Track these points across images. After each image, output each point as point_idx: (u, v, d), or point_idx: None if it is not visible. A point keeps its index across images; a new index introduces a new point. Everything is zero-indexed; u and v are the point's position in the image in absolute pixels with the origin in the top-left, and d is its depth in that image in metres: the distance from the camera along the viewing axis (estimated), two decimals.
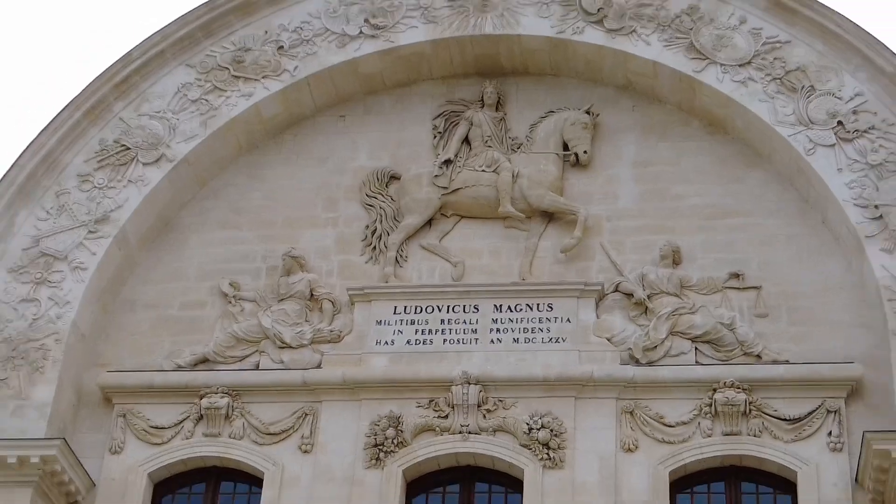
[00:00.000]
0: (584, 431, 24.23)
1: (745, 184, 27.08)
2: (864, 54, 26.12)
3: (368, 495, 24.00)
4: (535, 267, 26.72)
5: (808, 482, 23.11)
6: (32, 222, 26.88)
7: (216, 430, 25.07)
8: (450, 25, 28.13)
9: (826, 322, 24.96)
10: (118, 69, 28.24)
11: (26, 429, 24.24)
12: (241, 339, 26.32)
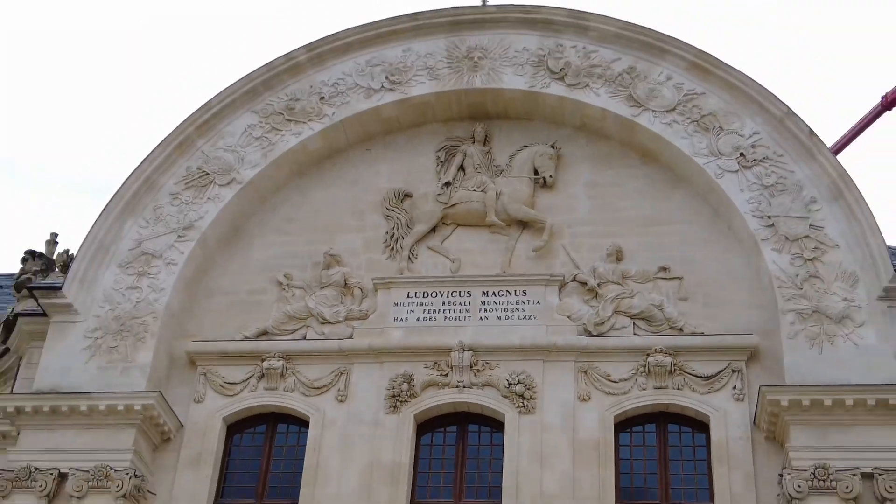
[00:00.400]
0: (549, 386, 24.77)
1: (671, 201, 27.42)
2: (760, 103, 26.51)
3: (388, 434, 24.55)
4: (513, 262, 27.06)
5: (718, 424, 23.68)
6: (136, 229, 27.29)
7: (273, 385, 25.65)
8: (448, 81, 28.45)
9: (731, 304, 25.55)
10: (200, 114, 28.50)
11: (131, 384, 24.85)
12: (292, 316, 26.83)
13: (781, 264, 24.39)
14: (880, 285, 23.67)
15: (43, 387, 25.25)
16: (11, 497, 23.80)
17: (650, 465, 24.41)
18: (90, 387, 24.86)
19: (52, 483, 23.70)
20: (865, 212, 24.55)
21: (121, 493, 23.37)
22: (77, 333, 25.93)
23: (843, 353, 23.23)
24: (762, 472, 23.10)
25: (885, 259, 23.95)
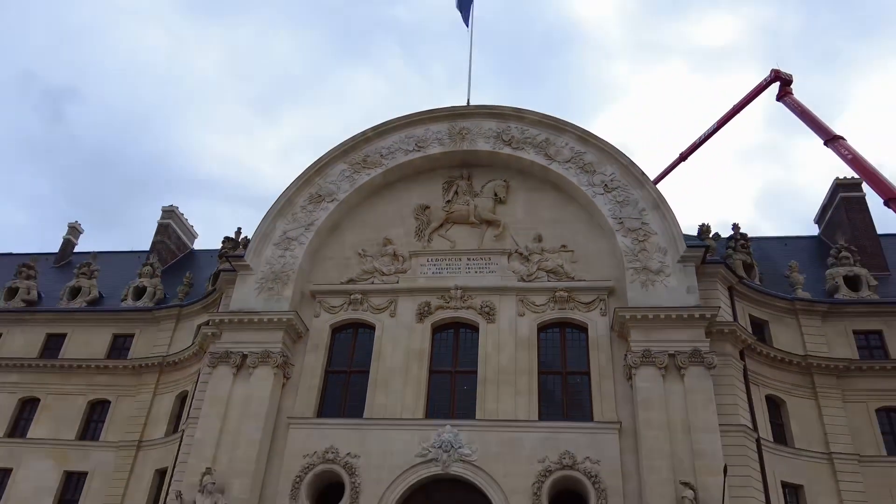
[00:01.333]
0: (503, 308, 25.75)
1: (567, 210, 27.64)
2: (615, 157, 27.23)
3: (417, 334, 25.68)
4: (484, 243, 27.34)
5: (592, 328, 25.05)
6: (282, 226, 27.93)
7: (356, 308, 26.61)
8: (449, 146, 28.77)
9: (600, 265, 26.32)
10: (316, 164, 28.92)
11: (281, 307, 25.95)
12: (366, 271, 27.39)
13: (626, 243, 25.60)
14: (678, 254, 25.00)
15: (234, 308, 26.46)
16: (218, 367, 25.08)
17: (555, 351, 25.37)
18: (259, 308, 26.06)
19: (238, 360, 24.97)
20: (671, 215, 25.84)
21: (276, 365, 24.72)
22: (251, 280, 26.91)
23: (659, 290, 24.50)
24: (616, 353, 24.35)
25: (681, 240, 25.27)
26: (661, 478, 20.92)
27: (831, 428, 25.09)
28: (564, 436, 22.79)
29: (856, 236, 32.92)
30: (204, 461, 23.00)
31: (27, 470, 29.20)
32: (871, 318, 27.92)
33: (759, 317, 27.13)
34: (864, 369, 26.31)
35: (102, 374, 31.14)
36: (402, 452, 23.12)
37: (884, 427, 25.64)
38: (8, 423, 30.80)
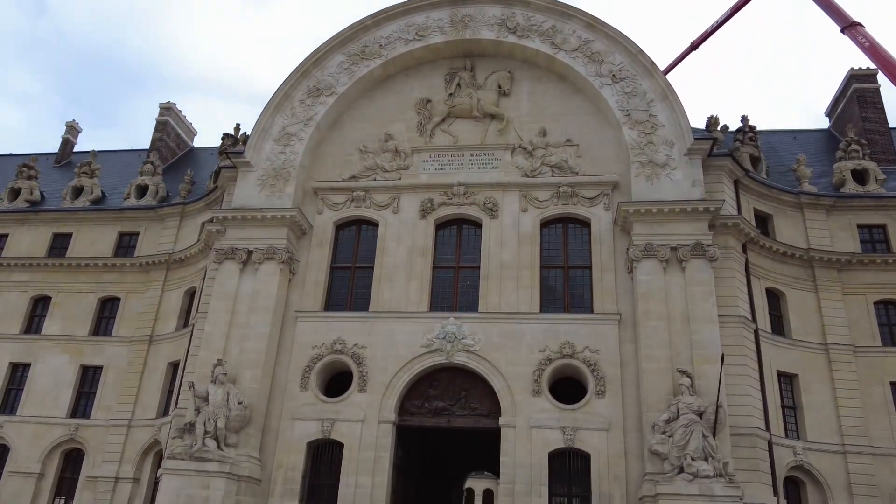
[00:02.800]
0: (506, 204, 25.61)
1: (573, 102, 26.98)
2: (624, 46, 26.19)
3: (420, 230, 25.69)
4: (487, 137, 26.87)
5: (595, 222, 25.01)
6: (281, 121, 27.39)
7: (359, 204, 26.48)
8: (451, 34, 27.70)
9: (605, 159, 25.92)
10: (313, 55, 28.05)
11: (283, 204, 25.92)
12: (368, 168, 27.06)
13: (632, 136, 25.14)
14: (685, 147, 24.61)
15: (236, 206, 26.44)
16: (224, 263, 25.41)
17: (557, 246, 25.39)
18: (261, 205, 26.05)
19: (244, 256, 25.23)
20: (679, 107, 25.23)
21: (281, 261, 25.00)
22: (253, 177, 26.75)
23: (664, 184, 24.31)
24: (618, 247, 24.38)
25: (689, 133, 24.86)
26: (658, 366, 21.52)
27: (829, 320, 25.59)
28: (565, 327, 23.28)
29: (867, 129, 32.50)
30: (215, 353, 23.72)
31: (45, 364, 30.38)
32: (877, 212, 27.86)
33: (763, 210, 27.09)
34: (865, 262, 26.57)
35: (110, 272, 31.69)
36: (407, 343, 23.75)
37: (881, 319, 26.21)
38: (22, 321, 31.78)
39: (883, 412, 24.47)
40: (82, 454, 28.70)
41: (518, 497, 21.42)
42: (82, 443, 28.69)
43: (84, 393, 29.95)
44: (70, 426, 28.96)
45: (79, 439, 28.77)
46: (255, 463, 22.61)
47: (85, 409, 29.52)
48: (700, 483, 19.23)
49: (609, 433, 21.75)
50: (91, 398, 29.62)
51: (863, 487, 23.18)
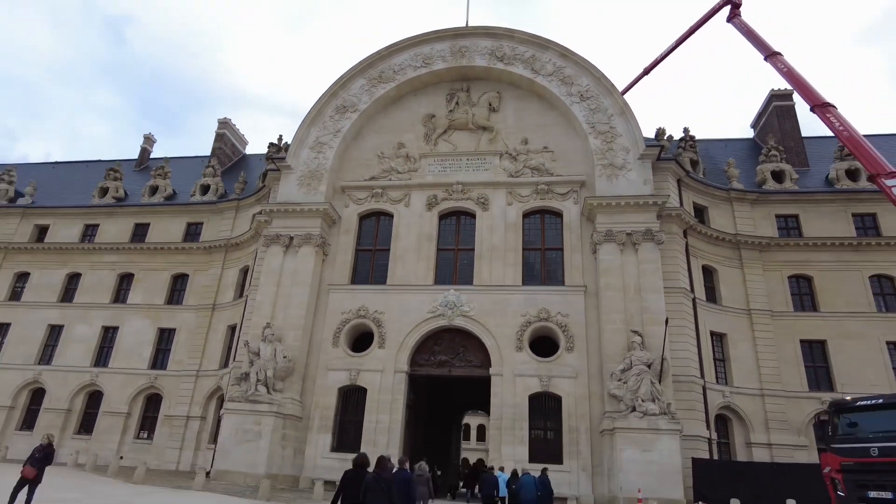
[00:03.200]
0: (495, 199, 25.38)
1: (550, 116, 26.60)
2: (590, 71, 25.93)
3: (427, 220, 25.49)
4: (480, 145, 26.59)
5: (566, 213, 24.71)
6: (315, 133, 27.21)
7: (377, 199, 26.23)
8: (451, 62, 27.46)
9: (575, 162, 25.58)
10: (340, 80, 27.88)
11: (318, 199, 25.71)
12: (384, 170, 26.78)
13: (597, 144, 24.94)
14: (639, 152, 24.42)
15: (280, 201, 26.26)
16: (271, 247, 25.34)
17: (536, 232, 25.21)
18: (300, 200, 25.92)
19: (286, 240, 25.14)
20: (634, 120, 25.00)
21: (316, 245, 24.93)
22: (293, 178, 26.60)
23: (621, 182, 24.12)
24: (584, 233, 24.25)
25: (642, 141, 24.63)
26: (615, 327, 21.57)
27: (752, 290, 25.69)
28: (542, 296, 23.28)
29: (784, 138, 32.25)
30: (264, 318, 23.78)
31: (130, 327, 30.53)
32: (791, 205, 27.79)
33: (700, 203, 27.05)
34: (781, 245, 26.53)
35: (180, 254, 31.69)
36: (416, 310, 23.79)
37: (793, 290, 26.22)
38: (112, 293, 31.90)
39: (794, 364, 24.56)
40: (160, 398, 28.90)
41: (505, 430, 21.56)
42: (160, 389, 28.87)
43: (161, 350, 30.07)
44: (150, 376, 29.15)
45: (157, 386, 28.94)
46: (297, 404, 22.75)
47: (162, 363, 29.66)
48: (648, 419, 19.39)
49: (576, 380, 21.86)
50: (167, 354, 29.76)
51: (777, 423, 23.41)
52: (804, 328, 25.18)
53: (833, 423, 13.06)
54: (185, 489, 17.93)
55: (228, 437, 21.58)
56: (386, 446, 21.60)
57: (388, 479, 7.82)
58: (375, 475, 7.70)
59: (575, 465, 20.65)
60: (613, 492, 19.17)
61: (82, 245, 32.99)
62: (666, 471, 18.76)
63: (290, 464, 22.11)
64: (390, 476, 8.06)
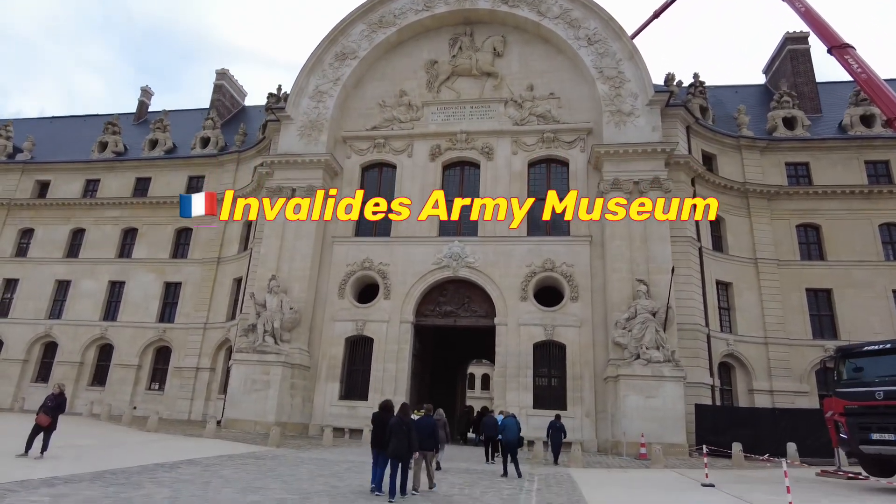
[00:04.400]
0: (500, 148, 24.78)
1: (556, 61, 25.70)
2: (597, 13, 24.86)
3: (430, 171, 24.97)
4: (484, 92, 25.76)
5: (573, 162, 24.22)
6: (314, 82, 26.38)
7: (379, 150, 25.66)
8: (454, 5, 26.29)
9: (582, 109, 24.88)
10: (339, 25, 26.78)
11: (319, 150, 25.15)
12: (386, 119, 26.12)
13: (604, 90, 24.16)
14: (648, 98, 23.68)
15: (281, 152, 25.75)
16: (275, 200, 24.82)
17: (541, 182, 24.72)
18: (301, 151, 25.40)
19: (289, 193, 24.77)
20: (643, 65, 24.14)
21: (329, 196, 24.34)
22: (293, 128, 26.00)
23: (629, 130, 23.47)
24: (591, 183, 23.78)
25: (651, 87, 23.81)
26: (621, 276, 21.41)
27: (759, 239, 25.45)
28: (547, 247, 23.05)
29: (797, 84, 31.22)
30: (269, 270, 23.71)
31: (136, 282, 30.67)
32: (801, 152, 27.18)
33: (709, 151, 26.47)
34: (790, 193, 26.13)
35: None
36: (421, 262, 23.63)
37: (801, 238, 25.98)
38: (117, 247, 31.90)
39: (798, 312, 24.54)
40: (169, 350, 29.26)
41: (509, 378, 21.79)
42: (169, 341, 29.20)
43: (168, 303, 30.27)
44: (159, 329, 29.45)
45: (166, 339, 29.27)
46: (304, 354, 22.96)
47: (170, 316, 29.91)
48: (653, 366, 19.51)
49: (581, 329, 21.90)
50: (174, 307, 29.96)
51: (780, 370, 23.59)
52: (810, 277, 25.06)
53: (838, 369, 13.13)
54: (197, 437, 18.29)
55: (238, 387, 21.90)
56: (393, 394, 21.87)
57: (408, 423, 8.87)
58: (399, 419, 8.85)
59: (579, 411, 20.93)
60: (616, 437, 19.47)
61: (85, 200, 32.79)
62: (669, 416, 19.00)
63: (299, 412, 22.51)
64: (410, 420, 9.05)
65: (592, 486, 11.48)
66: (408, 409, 9.17)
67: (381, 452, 8.99)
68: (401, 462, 8.77)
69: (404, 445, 8.64)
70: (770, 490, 11.43)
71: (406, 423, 8.81)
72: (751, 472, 15.05)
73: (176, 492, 8.46)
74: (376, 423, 9.20)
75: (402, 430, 8.71)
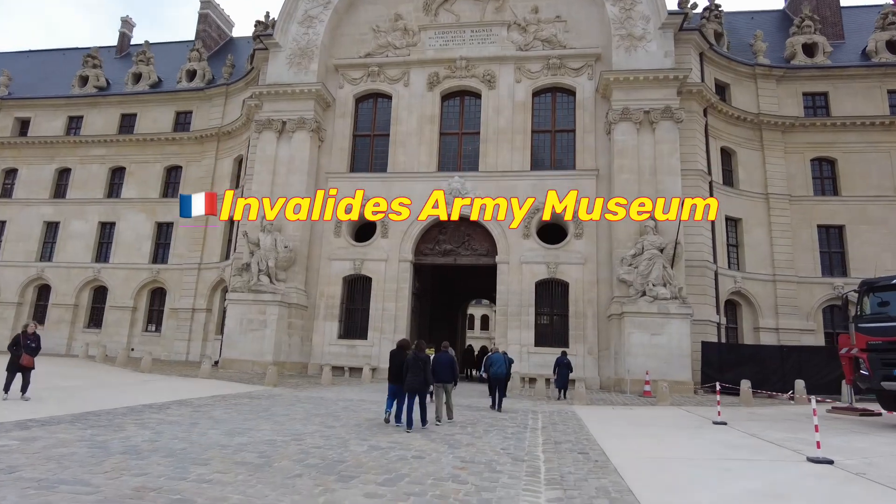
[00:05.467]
0: (502, 76, 23.30)
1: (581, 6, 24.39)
2: None
3: (428, 101, 23.59)
4: (486, 15, 23.81)
5: (580, 90, 22.85)
6: (303, 6, 24.50)
7: (374, 79, 24.15)
8: None
9: (590, 33, 23.23)
10: None
11: (309, 79, 23.66)
12: (380, 45, 24.38)
13: (614, 12, 22.51)
14: (660, 21, 22.12)
15: (269, 82, 24.30)
16: (263, 133, 23.78)
17: (546, 113, 23.42)
18: (290, 80, 23.97)
19: (279, 126, 23.55)
20: None
21: (311, 129, 23.33)
22: (282, 56, 24.42)
23: (640, 55, 22.05)
24: (599, 113, 22.59)
25: (664, 9, 22.21)
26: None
27: (771, 173, 24.53)
28: (551, 182, 21.99)
29: (819, 7, 29.19)
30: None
31: (127, 222, 29.75)
32: (820, 81, 25.74)
33: (722, 80, 25.04)
34: (806, 125, 24.99)
35: (172, 145, 30.18)
36: (419, 198, 22.63)
37: (814, 173, 25.06)
38: (104, 187, 30.78)
39: (809, 249, 23.89)
40: (164, 292, 28.70)
41: (511, 316, 21.29)
42: (163, 283, 28.58)
43: (161, 244, 29.47)
44: (153, 270, 28.76)
45: (160, 280, 28.64)
46: (301, 293, 22.35)
47: (163, 257, 29.17)
48: (659, 303, 18.93)
49: (585, 266, 21.20)
50: (167, 248, 29.20)
51: (787, 308, 23.15)
52: (822, 213, 24.25)
53: (862, 303, 12.50)
54: (192, 377, 17.86)
55: (234, 327, 21.40)
56: (392, 333, 21.51)
57: (424, 359, 9.34)
58: (415, 355, 9.34)
59: (581, 349, 20.54)
60: (620, 374, 19.11)
61: (68, 138, 31.35)
62: (674, 354, 18.58)
63: (297, 351, 22.14)
64: (427, 356, 9.52)
65: (599, 424, 10.99)
66: (423, 346, 9.60)
67: (399, 387, 9.47)
68: (417, 395, 9.30)
69: (420, 380, 9.16)
70: (785, 428, 10.94)
71: (422, 359, 9.25)
72: (760, 410, 14.65)
73: (157, 434, 7.86)
74: (393, 360, 9.66)
75: (419, 365, 9.19)
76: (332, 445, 7.57)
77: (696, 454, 7.89)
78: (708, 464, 7.19)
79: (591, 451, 8.03)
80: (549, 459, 7.32)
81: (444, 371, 10.22)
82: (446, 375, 10.25)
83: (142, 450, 6.74)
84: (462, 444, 8.25)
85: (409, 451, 7.46)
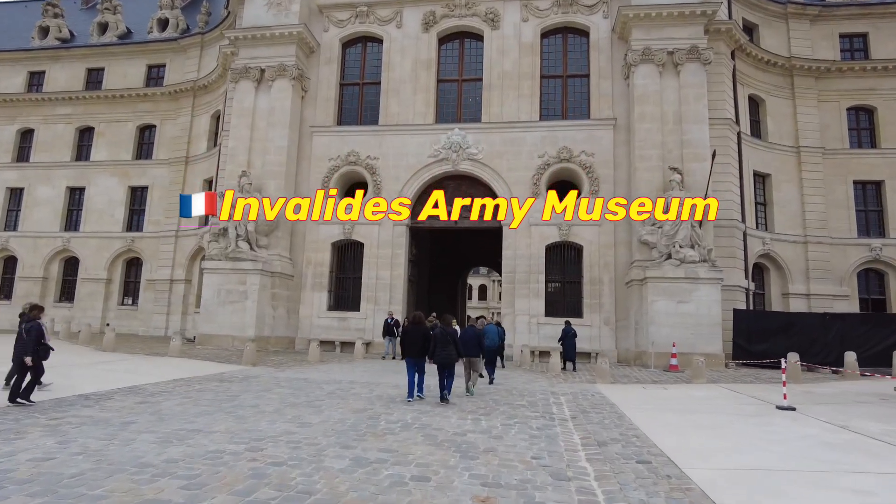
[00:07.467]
0: (507, 14, 20.84)
1: None
2: None
3: (424, 44, 21.27)
4: None
5: (594, 30, 20.70)
6: None
7: (363, 20, 21.64)
8: None
9: None
10: None
11: (291, 21, 20.99)
12: None
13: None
14: None
15: (246, 25, 21.74)
16: (240, 82, 21.37)
17: (557, 56, 21.03)
18: (269, 23, 21.38)
19: (257, 74, 21.15)
20: None
21: (293, 77, 20.90)
22: None
23: None
24: (616, 55, 20.31)
25: None
26: (650, 165, 18.25)
27: (803, 125, 22.39)
28: (563, 133, 19.73)
29: None
30: (239, 166, 20.44)
31: (97, 187, 27.45)
32: (860, 20, 23.37)
33: (750, 20, 22.61)
34: (843, 70, 22.72)
35: (144, 102, 27.64)
36: (415, 154, 20.43)
37: (851, 123, 22.98)
38: (72, 149, 28.36)
39: (843, 207, 21.92)
40: (140, 262, 26.52)
41: (518, 284, 19.24)
42: (139, 252, 26.37)
43: (135, 210, 27.24)
44: (127, 239, 26.57)
45: (136, 249, 26.42)
46: (286, 261, 20.17)
47: (138, 224, 26.97)
48: (686, 267, 16.86)
49: (601, 227, 19.07)
50: (141, 214, 26.99)
51: (819, 272, 21.23)
52: (859, 167, 22.18)
53: None
54: (161, 356, 15.72)
55: (211, 299, 19.24)
56: (388, 304, 19.49)
57: (451, 333, 9.48)
58: (442, 329, 9.49)
59: (596, 318, 18.55)
60: (641, 346, 17.11)
61: (29, 96, 28.66)
62: (703, 323, 16.58)
63: (283, 324, 20.06)
64: (454, 330, 9.68)
65: (639, 411, 8.93)
66: (449, 320, 9.86)
67: (418, 362, 9.48)
68: (446, 369, 9.41)
69: (451, 353, 9.32)
70: (869, 414, 8.88)
71: (450, 333, 9.40)
72: (814, 388, 12.62)
73: (61, 445, 5.68)
74: (407, 335, 9.59)
75: (447, 339, 9.34)
76: (299, 460, 5.43)
77: (793, 462, 5.80)
78: (825, 480, 5.10)
79: (653, 457, 5.93)
80: (602, 475, 5.21)
81: (471, 346, 10.44)
82: (474, 350, 10.51)
83: (12, 478, 4.54)
84: (479, 449, 6.14)
85: (408, 466, 5.33)
